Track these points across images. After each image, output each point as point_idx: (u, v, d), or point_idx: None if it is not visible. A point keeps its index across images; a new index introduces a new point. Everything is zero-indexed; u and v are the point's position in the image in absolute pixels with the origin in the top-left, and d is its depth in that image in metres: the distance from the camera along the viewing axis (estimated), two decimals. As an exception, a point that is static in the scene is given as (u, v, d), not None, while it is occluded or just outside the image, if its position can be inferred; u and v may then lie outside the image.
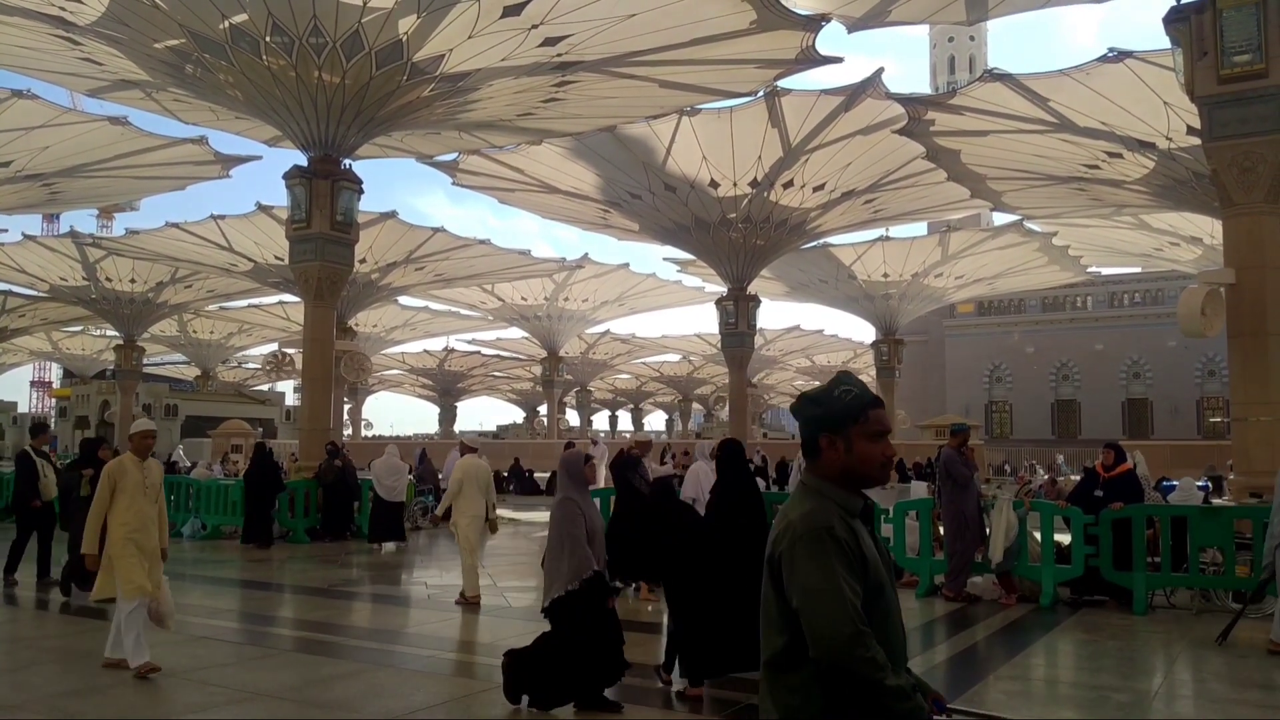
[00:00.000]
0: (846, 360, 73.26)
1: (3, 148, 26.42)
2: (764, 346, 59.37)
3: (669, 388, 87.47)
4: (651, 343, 68.56)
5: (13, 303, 50.66)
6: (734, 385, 33.41)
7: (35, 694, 6.33)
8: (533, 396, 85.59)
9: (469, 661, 7.36)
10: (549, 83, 20.85)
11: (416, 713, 5.94)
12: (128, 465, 7.11)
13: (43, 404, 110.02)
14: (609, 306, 50.58)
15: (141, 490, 7.03)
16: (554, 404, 57.02)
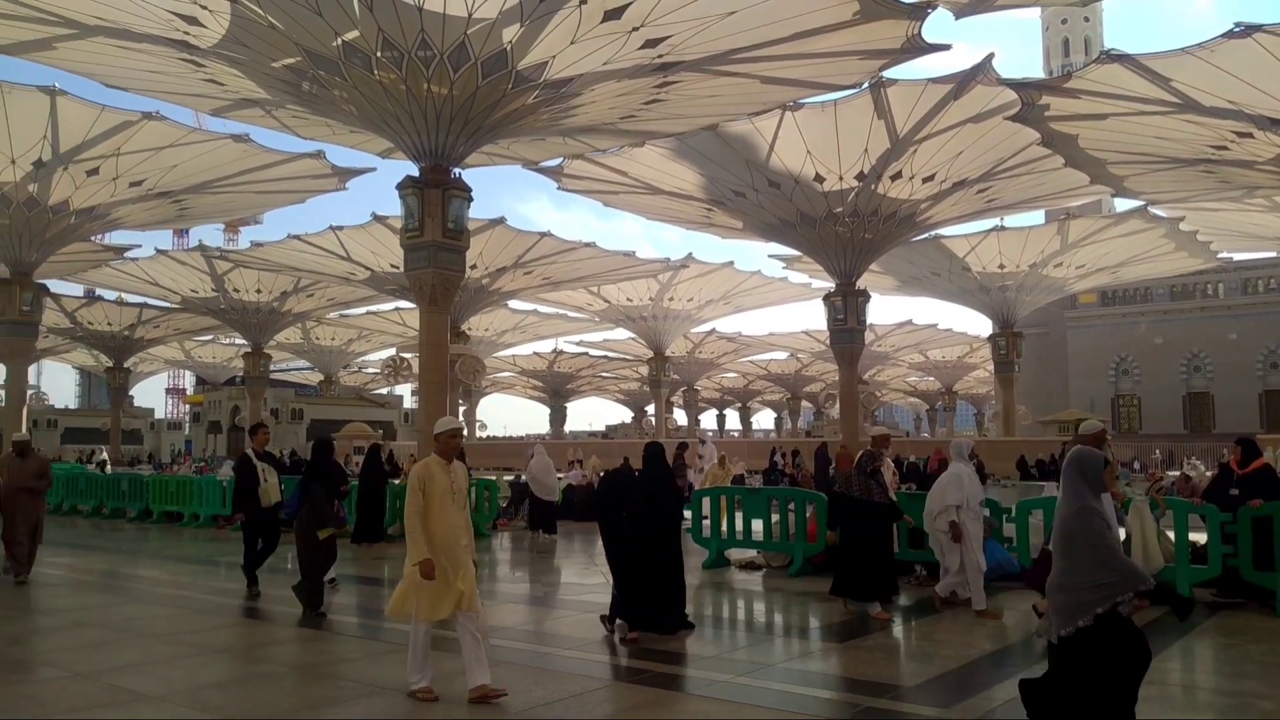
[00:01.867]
0: (962, 355, 71.40)
1: (135, 167, 28.00)
2: (875, 342, 58.32)
3: (777, 386, 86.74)
4: (758, 341, 68.07)
5: (148, 314, 53.68)
6: (844, 382, 32.90)
7: (175, 685, 6.67)
8: (640, 396, 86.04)
9: (583, 658, 7.44)
10: (650, 84, 20.93)
11: (535, 709, 6.04)
12: (434, 469, 6.38)
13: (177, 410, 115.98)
14: (714, 305, 50.47)
15: (450, 496, 6.35)
16: (661, 403, 57.22)
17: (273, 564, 11.33)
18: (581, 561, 14.19)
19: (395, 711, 6.07)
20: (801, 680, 6.87)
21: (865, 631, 8.58)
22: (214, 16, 17.84)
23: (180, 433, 78.39)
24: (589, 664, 7.29)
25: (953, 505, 9.07)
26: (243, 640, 8.40)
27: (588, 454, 32.65)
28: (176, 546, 16.58)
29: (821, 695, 6.49)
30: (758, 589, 11.27)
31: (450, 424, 6.67)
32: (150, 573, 13.30)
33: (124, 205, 30.12)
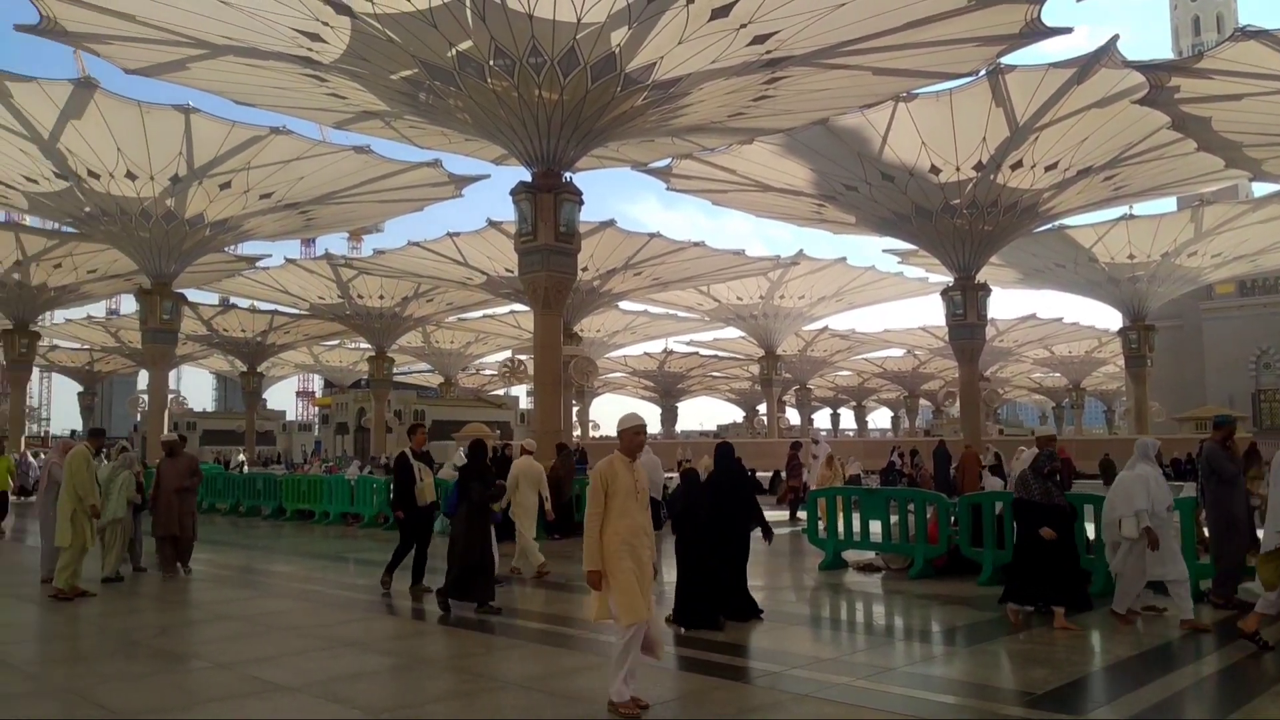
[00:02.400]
0: (1090, 350, 68.56)
1: (264, 180, 29.36)
2: (996, 338, 56.56)
3: (893, 384, 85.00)
4: (872, 338, 66.79)
5: (278, 321, 56.18)
6: (964, 379, 32.01)
7: (308, 677, 6.95)
8: (751, 395, 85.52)
9: (704, 659, 7.43)
10: (759, 80, 20.78)
11: (661, 705, 6.06)
12: (618, 467, 6.10)
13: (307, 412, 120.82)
14: (826, 302, 49.77)
15: (633, 495, 6.05)
16: (773, 402, 56.73)
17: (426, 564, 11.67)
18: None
19: (519, 705, 6.19)
20: (924, 685, 6.71)
21: (992, 636, 8.33)
22: (336, 33, 18.54)
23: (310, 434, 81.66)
24: (701, 664, 7.28)
25: (1142, 510, 8.45)
26: (372, 634, 8.68)
27: (698, 454, 32.65)
28: (308, 543, 17.28)
29: (945, 700, 6.33)
30: (877, 591, 11.06)
31: (633, 420, 6.30)
32: (284, 568, 13.90)
33: (255, 217, 31.60)
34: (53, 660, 7.98)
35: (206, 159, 27.67)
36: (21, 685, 6.84)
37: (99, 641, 8.59)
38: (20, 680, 7.00)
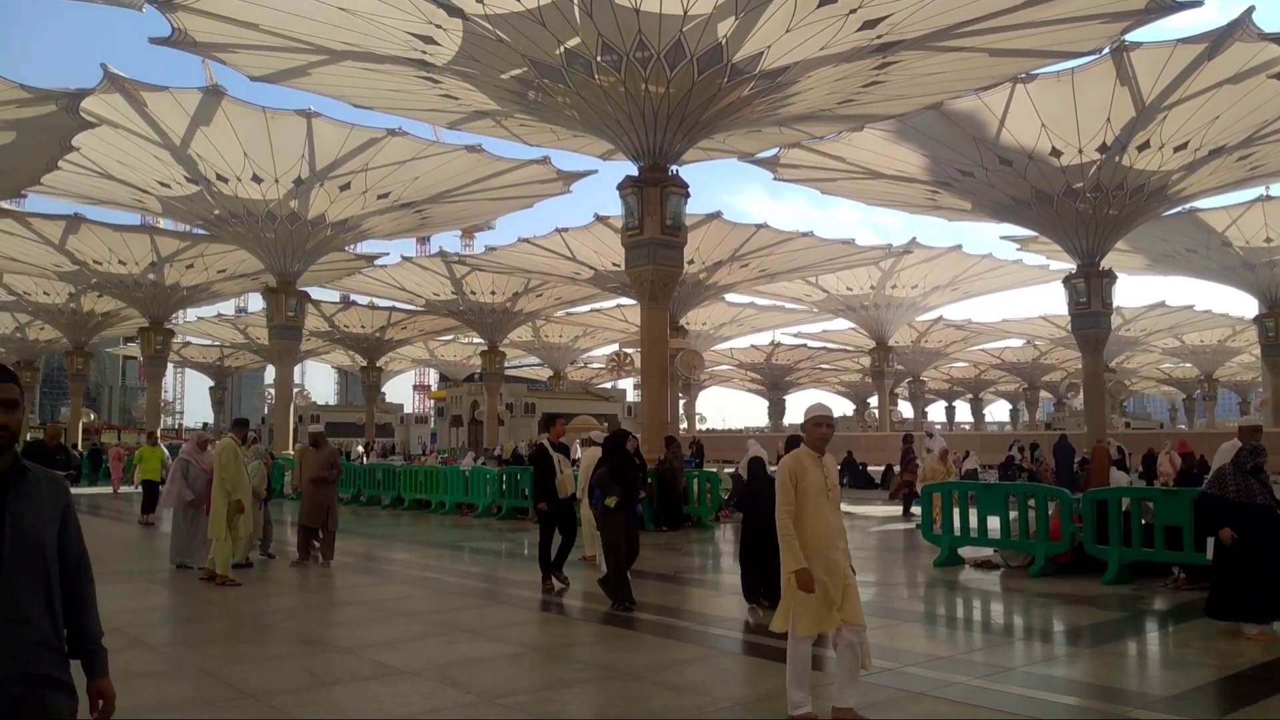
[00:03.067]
0: (1224, 339, 65.03)
1: (382, 180, 30.29)
2: (1122, 326, 54.15)
3: (1012, 375, 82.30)
4: (990, 328, 64.74)
5: (396, 317, 57.96)
6: (1088, 370, 30.76)
7: (426, 661, 7.15)
8: (862, 388, 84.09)
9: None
10: (869, 66, 20.38)
11: (765, 700, 6.03)
12: (806, 462, 5.48)
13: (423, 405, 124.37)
14: (941, 292, 48.51)
15: (824, 494, 5.47)
16: (885, 395, 55.64)
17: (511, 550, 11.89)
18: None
19: (628, 695, 6.23)
20: (1044, 685, 6.48)
21: (1118, 637, 7.99)
22: (448, 35, 18.97)
23: (426, 426, 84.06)
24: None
25: None
26: (486, 621, 8.87)
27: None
28: (425, 532, 17.78)
29: (1066, 701, 6.11)
30: (995, 589, 10.74)
31: (817, 410, 5.68)
32: (403, 556, 14.34)
33: (373, 216, 32.64)
34: (186, 642, 8.42)
35: (327, 161, 28.72)
36: (159, 665, 7.24)
37: (230, 625, 9.02)
38: (158, 660, 7.41)
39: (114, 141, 26.82)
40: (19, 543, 2.50)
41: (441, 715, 5.71)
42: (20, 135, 24.64)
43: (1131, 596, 9.85)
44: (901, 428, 52.95)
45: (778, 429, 76.40)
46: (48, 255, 38.63)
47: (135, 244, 38.72)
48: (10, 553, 2.47)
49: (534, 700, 6.07)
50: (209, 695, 6.19)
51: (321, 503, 12.84)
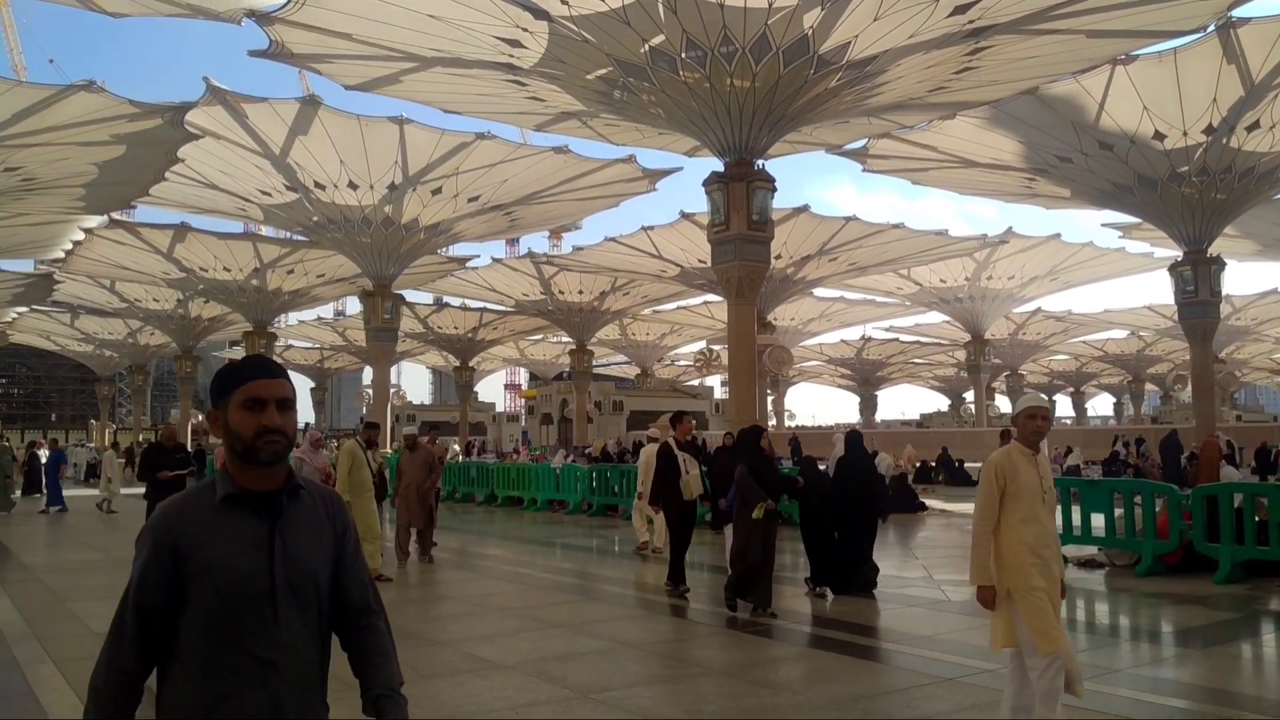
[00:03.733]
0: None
1: (472, 184, 30.82)
2: (1232, 315, 51.72)
3: (1115, 368, 79.39)
4: (1091, 319, 62.53)
5: (487, 318, 58.94)
6: (1196, 362, 29.48)
7: (521, 656, 7.26)
8: (957, 383, 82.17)
9: (910, 653, 7.23)
10: (961, 52, 19.91)
11: (861, 699, 5.96)
12: (1017, 459, 4.93)
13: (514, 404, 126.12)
14: (1039, 282, 47.08)
15: (1039, 495, 4.88)
16: (981, 390, 54.26)
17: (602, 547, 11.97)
18: (898, 553, 13.80)
19: (720, 692, 6.22)
20: (1152, 688, 6.26)
21: (1231, 638, 7.66)
22: (534, 38, 19.20)
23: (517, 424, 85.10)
24: (912, 658, 7.07)
25: None
26: (579, 617, 8.96)
27: (901, 443, 31.70)
28: (518, 528, 18.05)
29: (1176, 705, 5.88)
30: (1099, 588, 10.40)
31: (1032, 402, 5.13)
32: (496, 551, 14.58)
33: (464, 220, 33.24)
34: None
35: (419, 166, 29.35)
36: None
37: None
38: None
39: (217, 152, 27.88)
40: (293, 576, 2.09)
41: (537, 709, 5.80)
42: (130, 149, 25.81)
43: (1245, 596, 9.43)
44: (999, 423, 51.56)
45: (869, 425, 75.24)
46: (157, 263, 40.40)
47: (239, 251, 40.22)
48: (283, 589, 2.07)
49: (628, 695, 6.11)
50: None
51: (422, 502, 12.85)
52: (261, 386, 2.14)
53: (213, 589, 2.04)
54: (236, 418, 2.12)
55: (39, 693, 6.18)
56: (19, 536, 16.61)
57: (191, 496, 2.16)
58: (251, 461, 2.11)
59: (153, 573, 2.07)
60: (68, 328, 61.02)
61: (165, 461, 11.56)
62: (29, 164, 26.15)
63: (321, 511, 2.22)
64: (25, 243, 37.17)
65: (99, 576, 11.76)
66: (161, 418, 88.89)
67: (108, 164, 26.80)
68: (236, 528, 2.08)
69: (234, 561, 2.05)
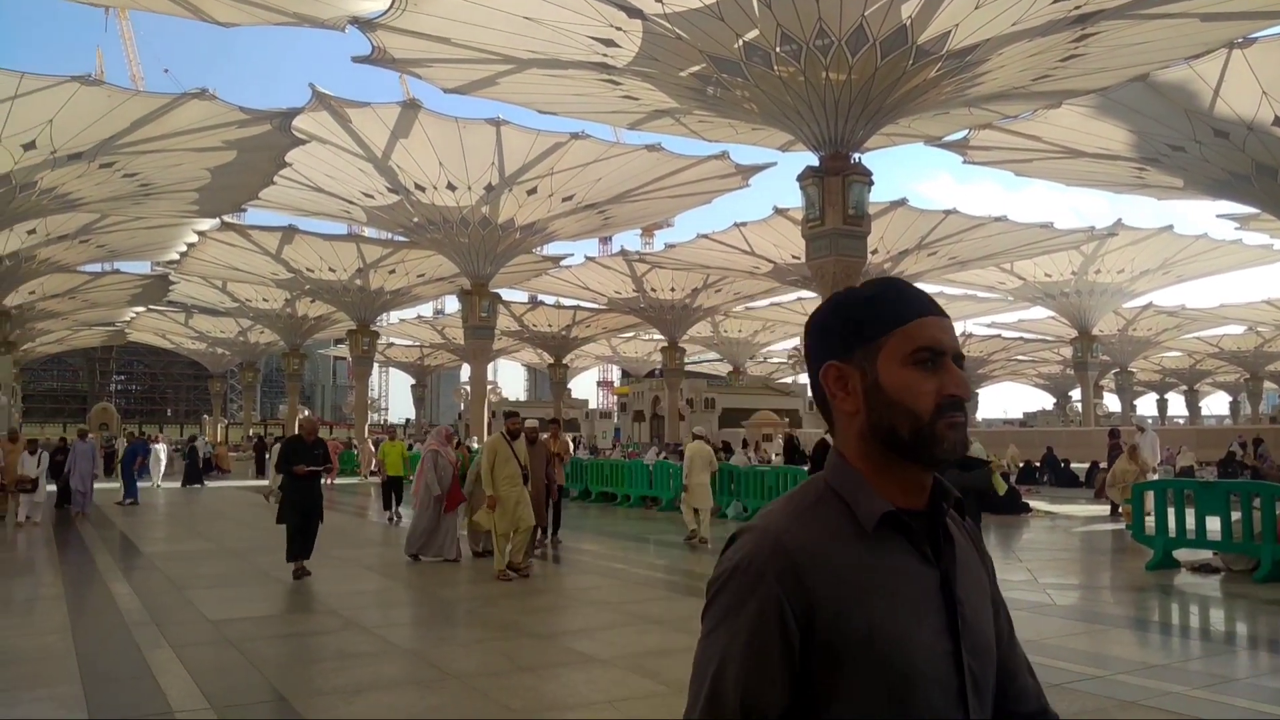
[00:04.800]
0: None
1: (566, 184, 31.16)
2: (1361, 309, 48.91)
3: (1232, 365, 75.80)
4: (1206, 314, 59.81)
5: (580, 315, 59.55)
6: (1321, 358, 27.93)
7: (617, 650, 7.31)
8: (1063, 380, 79.66)
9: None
10: (1066, 39, 19.26)
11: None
12: None
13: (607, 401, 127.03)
14: (1150, 276, 45.25)
15: None
16: (1088, 388, 52.39)
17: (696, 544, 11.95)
18: (999, 555, 13.47)
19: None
20: (1273, 698, 5.97)
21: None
22: (628, 36, 19.30)
23: (610, 421, 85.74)
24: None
25: None
26: (674, 613, 8.98)
27: (1004, 443, 30.88)
28: (612, 524, 18.19)
29: (1305, 720, 5.59)
30: (1215, 594, 9.96)
31: None
32: (591, 547, 14.72)
33: (558, 219, 33.64)
34: (396, 624, 8.97)
35: (515, 167, 29.82)
36: (371, 646, 7.74)
37: (434, 610, 9.53)
38: (371, 641, 7.92)
39: (322, 156, 28.81)
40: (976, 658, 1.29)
41: (633, 704, 5.84)
42: (240, 154, 26.87)
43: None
44: (1107, 422, 49.75)
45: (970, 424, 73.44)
46: (266, 264, 41.96)
47: (343, 252, 41.48)
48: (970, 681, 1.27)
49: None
50: (417, 675, 6.56)
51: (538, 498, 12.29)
52: (937, 329, 1.35)
53: (879, 683, 1.20)
54: (900, 378, 1.30)
55: (157, 675, 6.48)
56: (137, 526, 17.47)
57: (808, 513, 1.30)
58: (922, 456, 1.29)
59: (768, 654, 1.21)
60: (182, 326, 63.98)
61: (305, 456, 11.00)
62: (146, 170, 27.46)
63: (970, 545, 1.40)
64: (143, 245, 39.06)
65: (213, 565, 12.30)
66: (271, 413, 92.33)
67: (219, 169, 27.96)
68: (895, 574, 1.26)
69: (905, 633, 1.22)
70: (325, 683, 6.34)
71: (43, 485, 16.87)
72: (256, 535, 15.94)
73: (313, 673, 6.58)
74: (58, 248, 35.16)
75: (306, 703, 5.79)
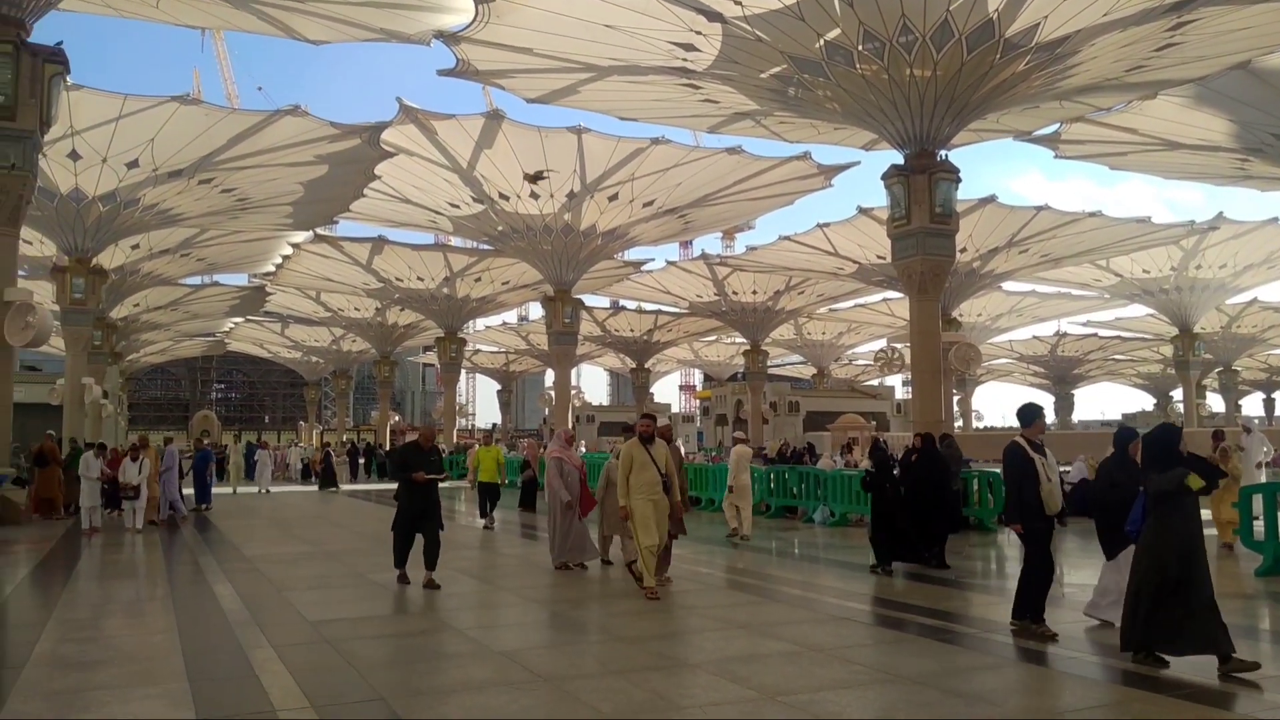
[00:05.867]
0: None
1: (647, 189, 31.28)
2: None
3: (1346, 362, 72.13)
4: (1316, 308, 57.08)
5: (662, 320, 59.70)
6: None
7: (706, 655, 7.31)
8: (1163, 380, 76.79)
9: (1111, 665, 6.81)
10: (1161, 28, 18.61)
11: (1065, 714, 5.67)
12: None
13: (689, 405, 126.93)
14: (1254, 271, 43.36)
15: None
16: (1190, 388, 50.42)
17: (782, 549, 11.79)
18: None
19: (912, 701, 6.07)
20: None
21: None
22: (707, 40, 19.31)
23: (692, 425, 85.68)
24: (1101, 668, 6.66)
25: None
26: (761, 619, 8.91)
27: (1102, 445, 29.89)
28: (694, 529, 18.10)
29: None
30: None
31: None
32: (675, 550, 14.68)
33: (639, 224, 33.79)
34: (488, 626, 9.10)
35: (596, 174, 30.07)
36: (463, 647, 7.86)
37: (524, 612, 9.63)
38: (462, 643, 8.05)
39: (410, 168, 29.48)
40: None
41: (724, 709, 5.82)
42: (332, 168, 27.65)
43: None
44: (1210, 423, 47.71)
45: (1065, 426, 71.39)
46: (357, 275, 43.09)
47: (430, 261, 42.36)
48: None
49: (815, 700, 6.04)
50: (509, 677, 6.65)
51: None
52: None
53: None
54: None
55: (259, 674, 6.70)
56: (237, 530, 18.08)
57: None
58: None
59: None
60: (278, 336, 66.12)
61: (421, 462, 10.63)
62: (242, 185, 28.46)
63: None
64: (241, 258, 40.48)
65: (311, 567, 12.65)
66: (363, 419, 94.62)
67: (312, 183, 28.83)
68: None
69: None
70: (421, 683, 6.47)
71: (144, 491, 17.45)
72: (351, 538, 16.35)
73: (408, 673, 6.72)
74: (160, 261, 36.70)
75: (403, 702, 5.91)
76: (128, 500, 17.38)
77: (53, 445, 20.30)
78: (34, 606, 10.19)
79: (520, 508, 21.12)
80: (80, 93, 22.86)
